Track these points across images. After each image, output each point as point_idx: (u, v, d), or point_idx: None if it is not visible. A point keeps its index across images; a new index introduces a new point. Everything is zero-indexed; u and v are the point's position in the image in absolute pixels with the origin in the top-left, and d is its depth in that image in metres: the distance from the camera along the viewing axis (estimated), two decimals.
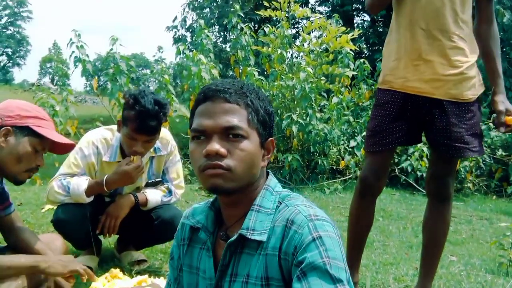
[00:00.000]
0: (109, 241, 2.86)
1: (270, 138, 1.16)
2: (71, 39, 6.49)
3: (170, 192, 2.56)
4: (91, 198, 2.32)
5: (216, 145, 1.04)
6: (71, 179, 2.30)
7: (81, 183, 2.27)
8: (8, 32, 58.23)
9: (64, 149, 1.95)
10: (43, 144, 1.82)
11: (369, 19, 14.92)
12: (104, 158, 2.39)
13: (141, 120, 2.17)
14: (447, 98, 2.05)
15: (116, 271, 2.21)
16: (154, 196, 2.48)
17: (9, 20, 58.17)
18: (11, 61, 59.69)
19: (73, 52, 6.54)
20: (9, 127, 1.74)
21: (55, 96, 6.85)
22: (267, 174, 1.20)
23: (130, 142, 2.26)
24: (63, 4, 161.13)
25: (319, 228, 1.02)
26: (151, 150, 2.43)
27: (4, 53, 59.04)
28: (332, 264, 0.97)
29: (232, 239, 1.10)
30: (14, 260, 1.70)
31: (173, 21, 15.15)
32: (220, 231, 1.18)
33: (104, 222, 2.38)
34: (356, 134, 6.48)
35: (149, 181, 2.54)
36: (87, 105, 20.21)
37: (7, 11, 57.80)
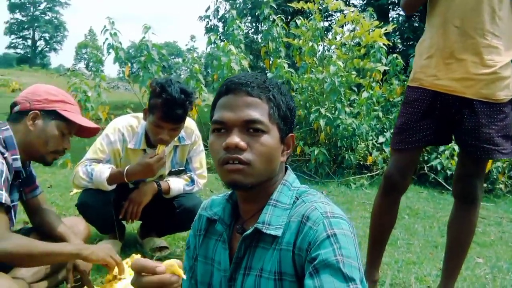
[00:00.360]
0: (132, 226, 2.90)
1: (291, 134, 1.15)
2: (105, 26, 6.60)
3: (192, 181, 2.58)
4: (113, 186, 2.36)
5: (236, 138, 1.04)
6: (96, 166, 2.34)
7: (103, 171, 2.31)
8: (46, 17, 59.75)
9: (90, 133, 1.99)
10: (69, 128, 1.86)
11: (404, 14, 14.61)
12: (129, 145, 2.42)
13: (167, 108, 2.19)
14: (477, 98, 1.99)
15: (137, 257, 2.24)
16: (176, 184, 2.51)
17: (47, 5, 59.70)
18: (48, 46, 61.29)
19: (106, 39, 6.66)
20: (37, 111, 1.80)
21: (88, 81, 6.99)
22: (286, 169, 1.19)
23: (156, 130, 2.28)
24: None
25: (334, 226, 1.01)
26: (175, 139, 2.45)
27: (42, 38, 60.63)
28: (345, 262, 0.96)
29: (248, 232, 1.10)
30: (62, 248, 1.77)
31: (206, 11, 15.21)
32: (237, 224, 1.18)
33: (127, 208, 2.41)
34: (385, 130, 6.39)
35: (172, 170, 2.56)
36: (120, 91, 20.56)
37: None
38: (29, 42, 60.23)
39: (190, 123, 2.56)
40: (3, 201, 1.60)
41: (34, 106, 1.80)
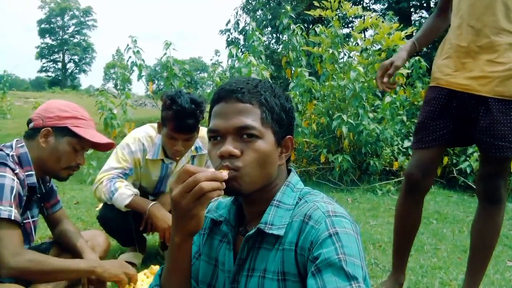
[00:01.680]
0: (155, 239, 2.93)
1: (288, 136, 1.14)
2: (127, 45, 6.77)
3: None
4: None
5: (229, 147, 1.05)
6: (120, 186, 2.35)
7: (125, 198, 2.33)
8: (75, 40, 61.44)
9: (106, 147, 1.99)
10: (82, 143, 1.87)
11: (427, 16, 14.41)
12: (148, 156, 2.45)
13: (179, 119, 2.22)
14: (492, 95, 1.96)
15: (155, 268, 2.26)
16: None
17: (75, 29, 61.45)
18: (77, 68, 62.93)
19: (130, 57, 6.83)
20: (49, 128, 1.82)
21: (115, 100, 7.17)
22: (289, 171, 1.19)
23: (170, 142, 2.31)
24: (127, 12, 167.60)
25: (336, 224, 1.00)
26: (193, 149, 2.47)
27: (72, 60, 62.31)
28: (348, 261, 0.95)
29: (250, 233, 1.10)
30: (76, 265, 1.80)
31: (226, 24, 15.37)
32: (241, 226, 1.19)
33: (147, 220, 2.43)
34: (410, 134, 6.27)
35: None
36: (147, 108, 20.87)
37: (74, 21, 61.06)
38: (60, 65, 61.93)
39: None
40: (13, 218, 1.62)
41: (46, 123, 1.83)
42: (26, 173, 1.77)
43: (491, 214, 2.09)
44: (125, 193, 2.33)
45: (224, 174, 0.99)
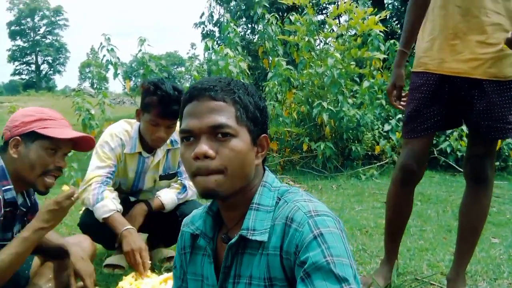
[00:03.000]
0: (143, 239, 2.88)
1: (263, 135, 1.11)
2: (101, 43, 6.65)
3: (184, 187, 2.57)
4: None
5: (204, 147, 1.01)
6: (107, 196, 2.30)
7: (105, 211, 2.27)
8: (47, 41, 60.30)
9: (85, 146, 1.90)
10: (56, 144, 1.77)
11: None
12: (125, 150, 2.43)
13: (164, 104, 2.21)
14: (486, 78, 1.93)
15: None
16: (168, 196, 2.50)
17: (47, 29, 60.32)
18: (52, 69, 61.83)
19: (104, 55, 6.72)
20: (17, 137, 1.75)
21: (93, 100, 7.06)
22: (264, 170, 1.16)
23: (152, 129, 2.29)
24: (99, 10, 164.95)
25: (319, 224, 0.98)
26: (168, 142, 2.46)
27: (45, 62, 61.19)
28: (336, 262, 0.93)
29: (232, 241, 1.07)
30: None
31: (201, 17, 15.22)
32: (221, 234, 1.15)
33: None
34: (390, 118, 6.32)
35: (162, 175, 2.57)
36: (125, 106, 20.62)
37: (44, 21, 59.90)
38: (33, 67, 60.81)
39: None
40: None
41: (13, 132, 1.75)
42: (3, 188, 1.70)
43: (479, 196, 2.09)
44: (107, 206, 2.28)
45: None
